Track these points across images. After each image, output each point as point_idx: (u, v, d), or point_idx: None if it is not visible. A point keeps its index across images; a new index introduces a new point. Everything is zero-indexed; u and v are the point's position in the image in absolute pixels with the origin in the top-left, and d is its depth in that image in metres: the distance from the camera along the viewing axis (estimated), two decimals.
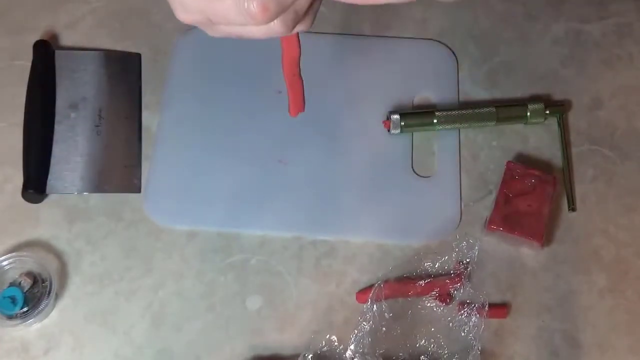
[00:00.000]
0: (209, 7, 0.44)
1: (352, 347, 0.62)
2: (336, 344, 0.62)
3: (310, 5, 0.45)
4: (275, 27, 0.45)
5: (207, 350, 0.65)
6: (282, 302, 0.67)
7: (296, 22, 0.45)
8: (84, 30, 0.78)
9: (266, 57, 0.69)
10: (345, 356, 0.62)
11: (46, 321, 0.66)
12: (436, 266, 0.67)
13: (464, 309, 0.64)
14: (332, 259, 0.68)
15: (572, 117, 0.75)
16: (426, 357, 0.63)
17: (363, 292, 0.66)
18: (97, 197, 0.71)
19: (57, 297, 0.66)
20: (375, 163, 0.72)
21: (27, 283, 0.65)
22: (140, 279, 0.67)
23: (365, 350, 0.61)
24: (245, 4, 0.42)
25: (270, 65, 0.74)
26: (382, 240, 0.69)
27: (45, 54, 0.75)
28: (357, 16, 0.79)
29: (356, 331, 0.63)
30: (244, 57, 0.76)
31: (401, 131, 0.72)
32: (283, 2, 0.43)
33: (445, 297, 0.66)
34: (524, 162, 0.70)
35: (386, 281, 0.66)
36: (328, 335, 0.63)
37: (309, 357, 0.62)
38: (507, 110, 0.73)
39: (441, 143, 0.73)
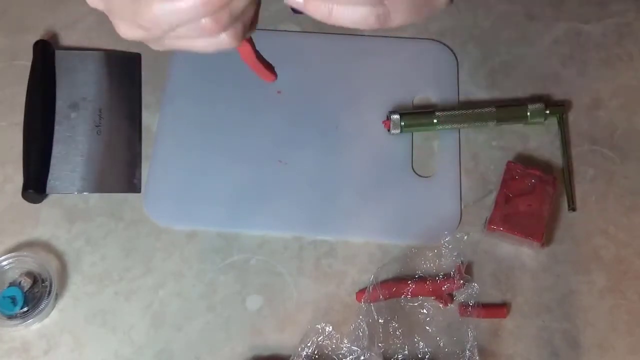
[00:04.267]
0: (161, 19, 0.42)
1: (348, 342, 0.62)
2: (333, 332, 0.62)
3: (256, 13, 0.45)
4: (225, 40, 0.44)
5: (207, 350, 0.65)
6: (282, 302, 0.67)
7: (244, 32, 0.44)
8: (84, 30, 0.78)
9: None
10: (342, 346, 0.62)
11: (46, 321, 0.66)
12: (436, 266, 0.67)
13: (463, 309, 0.64)
14: (332, 259, 0.68)
15: (572, 117, 0.75)
16: (425, 356, 0.63)
17: (363, 292, 0.66)
18: (97, 197, 0.71)
19: (57, 297, 0.66)
20: (375, 163, 0.72)
21: (27, 283, 0.65)
22: (140, 279, 0.67)
23: (364, 345, 0.61)
24: (200, 19, 0.41)
25: None
26: (382, 240, 0.69)
27: (45, 54, 0.75)
28: None
29: (353, 325, 0.63)
30: None
31: (401, 131, 0.72)
32: (234, 13, 0.42)
33: (445, 297, 0.66)
34: (524, 162, 0.70)
35: (385, 281, 0.66)
36: (323, 324, 0.62)
37: (307, 345, 0.61)
38: (507, 110, 0.73)
39: (441, 143, 0.73)
